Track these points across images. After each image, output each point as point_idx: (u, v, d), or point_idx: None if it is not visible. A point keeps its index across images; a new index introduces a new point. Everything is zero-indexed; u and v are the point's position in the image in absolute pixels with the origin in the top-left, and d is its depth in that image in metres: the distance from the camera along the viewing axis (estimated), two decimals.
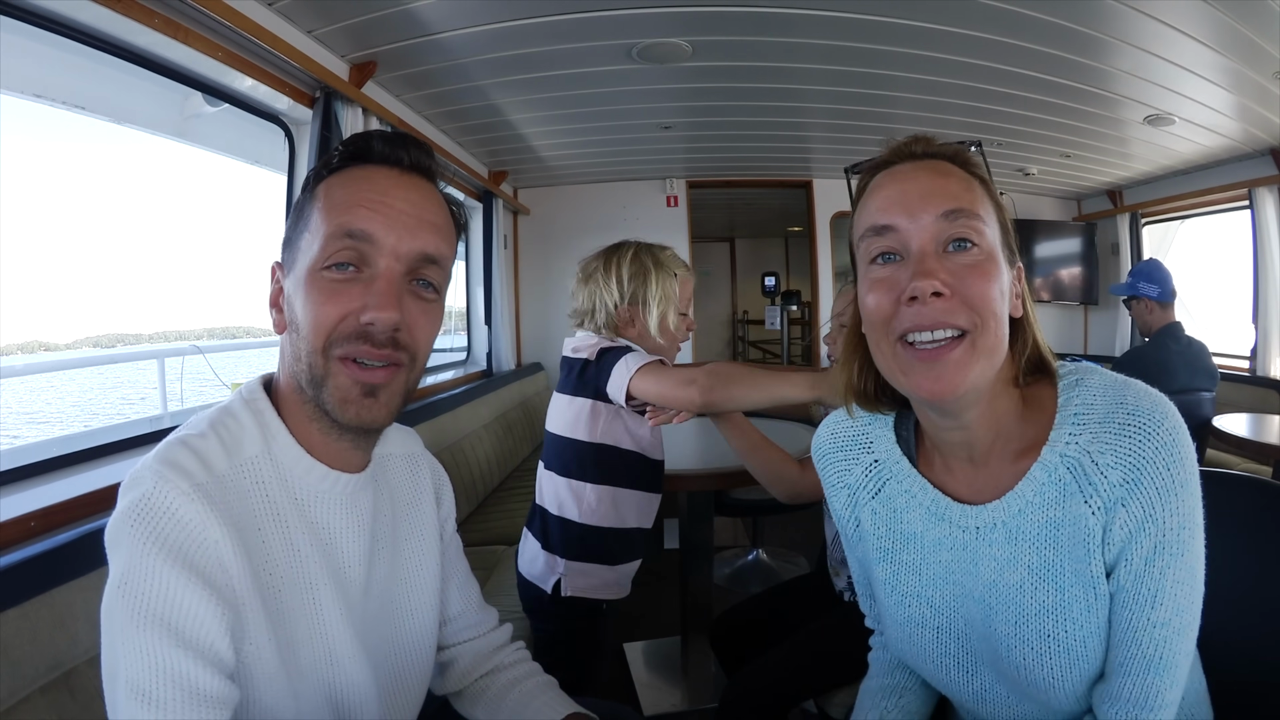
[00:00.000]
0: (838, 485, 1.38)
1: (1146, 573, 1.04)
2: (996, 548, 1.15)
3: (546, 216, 7.15)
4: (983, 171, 1.16)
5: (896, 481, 1.29)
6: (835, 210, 7.28)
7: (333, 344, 1.06)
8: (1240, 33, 3.28)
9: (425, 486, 1.41)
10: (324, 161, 1.16)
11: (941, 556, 1.23)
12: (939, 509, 1.22)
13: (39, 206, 5.97)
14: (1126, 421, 1.04)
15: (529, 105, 4.67)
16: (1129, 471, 1.03)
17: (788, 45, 3.72)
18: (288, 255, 1.14)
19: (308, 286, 1.07)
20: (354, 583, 1.18)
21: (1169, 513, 1.02)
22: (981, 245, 1.07)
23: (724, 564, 4.99)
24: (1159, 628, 1.04)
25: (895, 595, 1.30)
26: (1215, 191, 5.89)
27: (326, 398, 1.08)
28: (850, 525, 1.38)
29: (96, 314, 18.23)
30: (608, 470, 2.22)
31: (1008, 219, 1.14)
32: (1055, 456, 1.09)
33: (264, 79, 2.92)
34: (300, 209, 1.14)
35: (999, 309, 1.06)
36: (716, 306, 14.47)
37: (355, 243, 1.06)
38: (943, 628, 1.26)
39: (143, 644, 0.90)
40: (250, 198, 8.77)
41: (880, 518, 1.31)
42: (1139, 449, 1.02)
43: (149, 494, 0.95)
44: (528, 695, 1.44)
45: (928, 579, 1.25)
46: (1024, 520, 1.12)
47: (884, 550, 1.31)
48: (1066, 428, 1.09)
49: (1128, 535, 1.04)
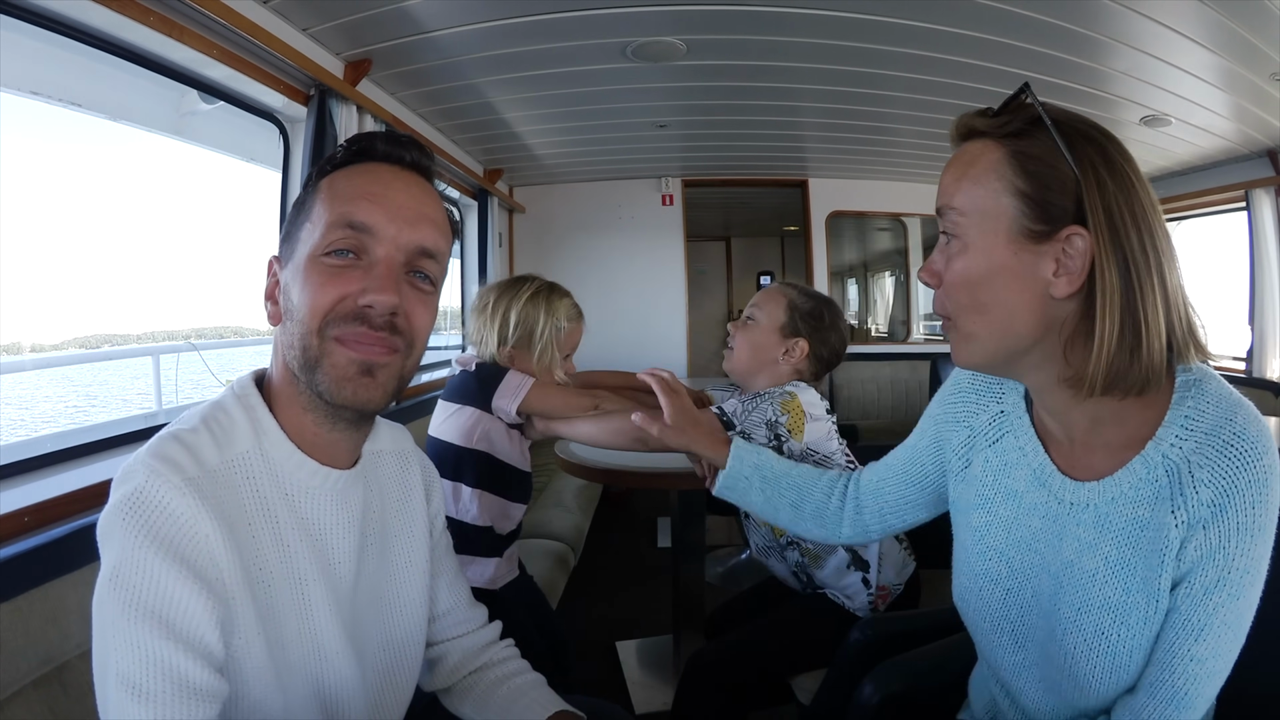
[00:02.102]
0: (959, 423, 1.42)
1: (1203, 603, 1.03)
2: (1083, 529, 1.15)
3: (542, 215, 7.15)
4: (998, 135, 1.13)
5: (1014, 436, 1.31)
6: (831, 209, 7.28)
7: (329, 324, 1.07)
8: (1237, 34, 3.28)
9: (415, 483, 1.41)
10: (328, 158, 1.18)
11: (1033, 522, 1.24)
12: (1043, 474, 1.23)
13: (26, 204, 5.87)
14: (1230, 441, 1.02)
15: (524, 103, 4.66)
16: (1219, 495, 1.01)
17: (783, 44, 3.72)
18: (286, 249, 1.15)
19: (306, 271, 1.08)
20: (343, 578, 1.19)
21: (1241, 551, 1.01)
22: (960, 235, 1.11)
23: (717, 563, 4.99)
24: (1195, 663, 1.03)
25: (980, 546, 1.32)
26: (1211, 193, 5.87)
27: (321, 379, 1.08)
28: (960, 463, 1.41)
29: (83, 314, 18.10)
30: (481, 476, 2.32)
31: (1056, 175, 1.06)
32: (1158, 455, 1.07)
33: (259, 77, 2.92)
34: (301, 204, 1.16)
35: (972, 297, 1.10)
36: (712, 306, 14.43)
37: (356, 233, 1.08)
38: (1013, 590, 1.28)
39: (134, 637, 0.91)
40: (243, 195, 8.75)
41: (991, 466, 1.33)
42: (1234, 475, 1.01)
43: (141, 488, 0.95)
44: (516, 692, 1.44)
45: (1015, 539, 1.27)
46: (1114, 510, 1.12)
47: (984, 499, 1.33)
48: (1175, 428, 1.07)
49: (1198, 559, 1.03)
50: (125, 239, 24.79)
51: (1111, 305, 1.01)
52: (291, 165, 3.41)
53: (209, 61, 2.65)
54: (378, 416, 1.31)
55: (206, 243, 32.32)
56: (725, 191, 8.37)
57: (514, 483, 2.39)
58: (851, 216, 7.46)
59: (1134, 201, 1.04)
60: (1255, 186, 5.41)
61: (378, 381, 1.11)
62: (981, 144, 1.13)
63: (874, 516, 1.61)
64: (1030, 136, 1.09)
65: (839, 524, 1.65)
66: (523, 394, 2.26)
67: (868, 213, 7.42)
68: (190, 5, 2.30)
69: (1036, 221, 1.05)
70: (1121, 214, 1.02)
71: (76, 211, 18.53)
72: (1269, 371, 5.41)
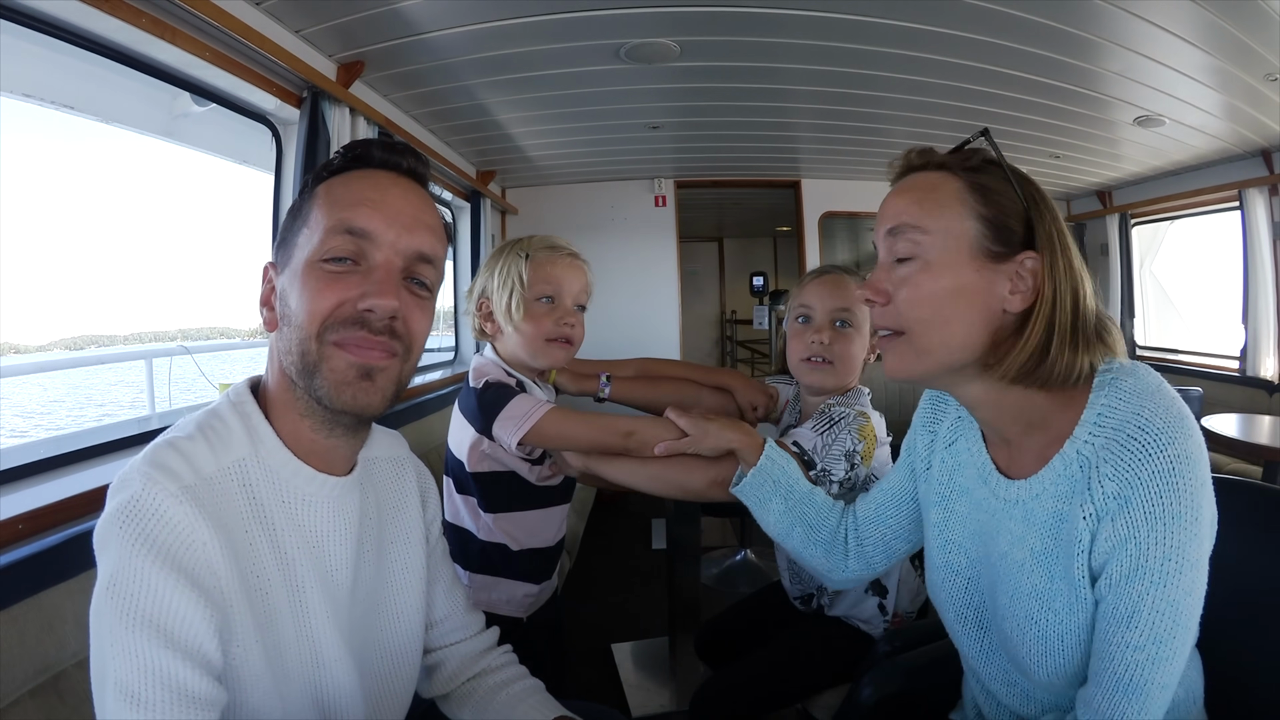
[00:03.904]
0: (925, 429, 1.55)
1: (1125, 591, 1.07)
2: (1014, 523, 1.25)
3: (535, 216, 7.13)
4: (958, 169, 1.22)
5: (965, 439, 1.42)
6: (823, 210, 7.29)
7: (328, 329, 1.07)
8: (1230, 34, 3.29)
9: (411, 489, 1.41)
10: (324, 165, 1.19)
11: (980, 516, 1.35)
12: (984, 473, 1.34)
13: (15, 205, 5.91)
14: (1135, 435, 1.07)
15: (517, 105, 4.65)
16: (1122, 487, 1.06)
17: (776, 45, 3.72)
18: (282, 255, 1.15)
19: (304, 277, 1.09)
20: (340, 585, 1.18)
21: (1154, 540, 1.04)
22: (920, 255, 1.19)
23: (712, 564, 5.00)
24: (1133, 650, 1.06)
25: (941, 539, 1.44)
26: (1205, 192, 5.91)
27: (320, 384, 1.09)
28: (923, 465, 1.52)
29: (70, 314, 18.09)
30: (493, 499, 2.09)
31: (1010, 205, 1.19)
32: (1074, 452, 1.15)
33: (251, 79, 2.91)
34: (297, 210, 1.16)
35: (935, 312, 1.18)
36: (705, 306, 14.49)
37: (354, 238, 1.09)
38: (972, 580, 1.38)
39: (131, 645, 0.91)
40: (236, 197, 8.74)
41: (946, 466, 1.45)
42: (1137, 468, 1.05)
43: (137, 496, 0.95)
44: (514, 699, 1.44)
45: (969, 532, 1.38)
46: (1037, 505, 1.20)
47: (942, 496, 1.45)
48: (1089, 426, 1.15)
49: (1110, 549, 1.08)
50: (114, 240, 24.76)
51: (1041, 316, 1.15)
52: (284, 168, 3.40)
53: (201, 63, 2.64)
54: (373, 423, 1.30)
55: (196, 244, 32.26)
56: (718, 192, 8.39)
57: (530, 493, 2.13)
58: (844, 217, 7.46)
59: (1063, 230, 1.19)
60: (1249, 186, 5.45)
61: (376, 385, 1.11)
62: (940, 174, 1.23)
63: (876, 546, 1.64)
64: (985, 171, 1.21)
65: (844, 558, 1.67)
66: (528, 425, 1.87)
67: (860, 213, 7.42)
68: (182, 6, 2.29)
69: (996, 244, 1.17)
70: (1060, 240, 1.17)
71: (65, 213, 18.51)
72: (1262, 370, 5.45)
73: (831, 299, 2.10)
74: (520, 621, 2.14)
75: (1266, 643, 1.33)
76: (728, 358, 14.28)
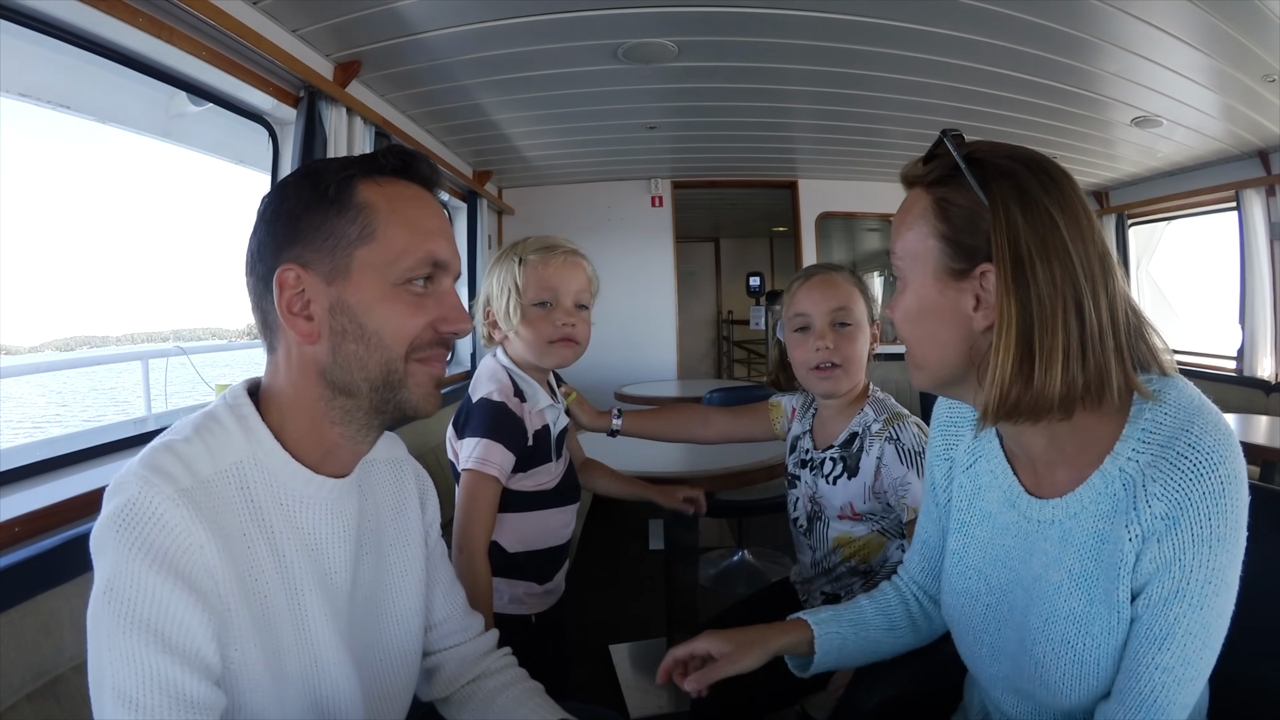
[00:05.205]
0: (943, 456, 1.49)
1: (1162, 613, 1.04)
2: (1049, 544, 1.19)
3: (531, 217, 7.14)
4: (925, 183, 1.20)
5: (986, 460, 1.36)
6: (820, 211, 7.32)
7: (415, 349, 1.14)
8: (1228, 35, 3.29)
9: (410, 491, 1.40)
10: (365, 158, 1.17)
11: (1006, 541, 1.29)
12: (1012, 495, 1.28)
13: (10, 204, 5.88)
14: (1184, 454, 1.03)
15: (514, 105, 4.66)
16: (1172, 507, 1.03)
17: (773, 46, 3.73)
18: (317, 256, 1.10)
19: (391, 298, 1.12)
20: (339, 588, 1.18)
21: (1199, 563, 1.02)
22: (902, 277, 1.23)
23: (710, 565, 4.99)
24: (1161, 671, 1.04)
25: (960, 565, 1.38)
26: (1202, 193, 5.93)
27: (407, 396, 1.15)
28: (944, 497, 1.47)
29: (62, 314, 18.14)
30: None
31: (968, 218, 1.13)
32: (1115, 469, 1.11)
33: (248, 78, 2.90)
34: (332, 199, 1.10)
35: (913, 331, 1.21)
36: (701, 306, 14.51)
37: (435, 267, 1.16)
38: (991, 606, 1.32)
39: (129, 650, 0.90)
40: (230, 197, 8.76)
41: (965, 491, 1.39)
42: (1187, 487, 1.02)
43: (134, 499, 0.94)
44: (514, 701, 1.44)
45: (990, 558, 1.32)
46: (1076, 525, 1.15)
47: (961, 522, 1.39)
48: (1132, 441, 1.10)
49: (1154, 570, 1.05)
50: (108, 240, 24.76)
51: (1007, 337, 1.04)
52: (280, 167, 3.40)
53: (198, 63, 2.64)
54: None
55: (191, 244, 32.27)
56: (715, 193, 8.41)
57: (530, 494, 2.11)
58: (840, 217, 7.48)
59: (1047, 234, 1.05)
60: (1246, 187, 5.46)
61: (441, 392, 1.22)
62: (915, 193, 1.22)
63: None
64: (953, 181, 1.14)
65: (929, 621, 1.60)
66: (469, 465, 1.93)
67: (857, 213, 7.44)
68: (179, 6, 2.29)
69: (956, 260, 1.13)
70: (1028, 248, 1.04)
71: (59, 213, 18.51)
72: (1259, 370, 5.47)
73: (826, 300, 2.08)
74: (528, 621, 2.13)
75: (1267, 642, 1.32)
76: (724, 358, 14.30)
